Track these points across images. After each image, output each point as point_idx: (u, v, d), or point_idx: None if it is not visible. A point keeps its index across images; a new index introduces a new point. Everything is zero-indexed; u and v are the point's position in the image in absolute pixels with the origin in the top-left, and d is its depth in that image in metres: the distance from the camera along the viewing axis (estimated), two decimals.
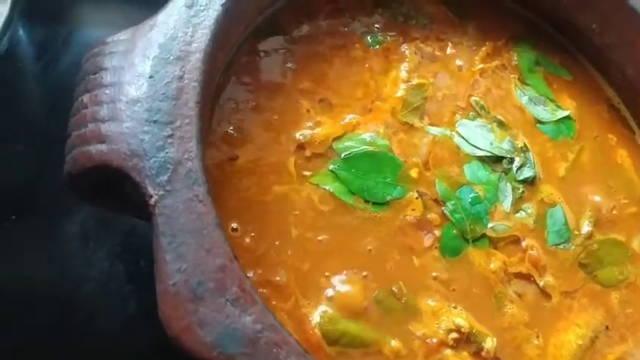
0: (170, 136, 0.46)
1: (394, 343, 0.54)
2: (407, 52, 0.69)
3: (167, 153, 0.46)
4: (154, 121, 0.47)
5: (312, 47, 0.66)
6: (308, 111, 0.62)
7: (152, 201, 0.44)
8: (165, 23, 0.51)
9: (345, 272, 0.56)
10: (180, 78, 0.49)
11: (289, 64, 0.64)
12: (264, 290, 0.53)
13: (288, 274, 0.54)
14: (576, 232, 0.65)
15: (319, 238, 0.57)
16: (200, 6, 0.53)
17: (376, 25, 0.70)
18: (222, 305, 0.42)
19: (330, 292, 0.55)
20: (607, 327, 0.62)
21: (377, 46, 0.69)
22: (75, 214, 0.70)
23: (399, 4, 0.72)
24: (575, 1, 0.71)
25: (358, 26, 0.69)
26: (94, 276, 0.68)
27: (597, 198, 0.68)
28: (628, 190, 0.70)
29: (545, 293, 0.61)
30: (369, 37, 0.69)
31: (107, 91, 0.48)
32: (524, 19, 0.75)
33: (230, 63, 0.61)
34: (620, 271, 0.65)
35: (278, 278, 0.54)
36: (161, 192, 0.44)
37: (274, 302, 0.53)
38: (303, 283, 0.54)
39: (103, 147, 0.46)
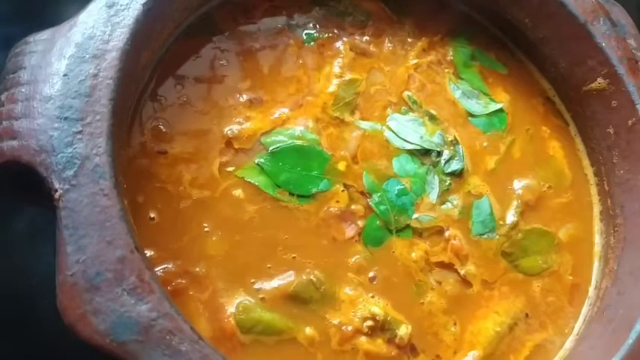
0: (80, 132, 0.49)
1: (308, 330, 0.56)
2: (341, 47, 0.71)
3: (75, 148, 0.48)
4: (65, 118, 0.49)
5: (247, 44, 0.68)
6: (237, 107, 0.64)
7: (57, 195, 0.46)
8: (85, 23, 0.53)
9: (266, 264, 0.58)
10: (95, 76, 0.51)
11: (222, 62, 0.66)
12: (183, 281, 0.55)
13: (207, 266, 0.56)
14: (501, 223, 0.67)
15: (242, 230, 0.59)
16: (120, 5, 0.55)
17: (311, 23, 0.72)
18: (118, 295, 0.44)
19: (249, 282, 0.57)
20: (527, 315, 0.64)
21: (312, 43, 0.70)
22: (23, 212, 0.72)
23: (336, 1, 0.74)
24: None
25: (294, 23, 0.71)
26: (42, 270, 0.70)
27: (526, 189, 0.69)
28: (558, 181, 0.71)
29: (466, 282, 0.63)
30: (304, 34, 0.70)
31: (23, 90, 0.50)
32: (462, 15, 0.76)
33: (161, 60, 0.63)
34: (544, 260, 0.66)
35: (197, 269, 0.56)
36: (66, 186, 0.46)
37: (191, 292, 0.55)
38: (222, 275, 0.56)
39: (14, 143, 0.48)
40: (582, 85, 0.69)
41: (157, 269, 0.54)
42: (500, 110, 0.73)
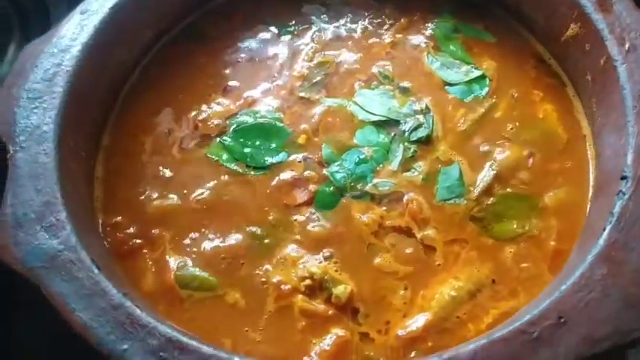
0: (36, 107, 0.59)
1: (239, 289, 0.58)
2: (315, 35, 0.74)
3: (30, 120, 0.58)
4: (28, 98, 0.60)
5: (225, 42, 0.74)
6: (210, 95, 0.70)
7: (9, 156, 0.56)
8: (62, 26, 0.65)
9: (213, 226, 0.61)
10: (58, 65, 0.61)
11: (202, 60, 0.73)
12: (140, 241, 0.61)
13: (161, 229, 0.62)
14: (471, 189, 0.62)
15: (198, 198, 0.63)
16: (91, 11, 0.65)
17: (292, 20, 0.76)
18: (36, 231, 0.51)
19: (194, 242, 0.61)
20: (493, 281, 0.58)
21: (287, 35, 0.75)
22: None
23: None
24: None
25: (272, 21, 0.76)
26: None
27: (505, 154, 0.64)
28: (548, 144, 0.65)
29: (427, 247, 0.60)
30: (280, 28, 0.75)
31: (9, 82, 0.62)
32: None
33: (149, 62, 0.73)
34: (520, 225, 0.60)
35: (154, 231, 0.62)
36: (17, 148, 0.56)
37: (145, 251, 0.60)
38: (172, 236, 0.61)
39: None
40: (560, 36, 0.64)
41: (119, 233, 0.61)
42: (482, 77, 0.69)
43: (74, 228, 0.51)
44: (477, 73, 0.70)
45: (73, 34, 0.64)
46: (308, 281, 0.58)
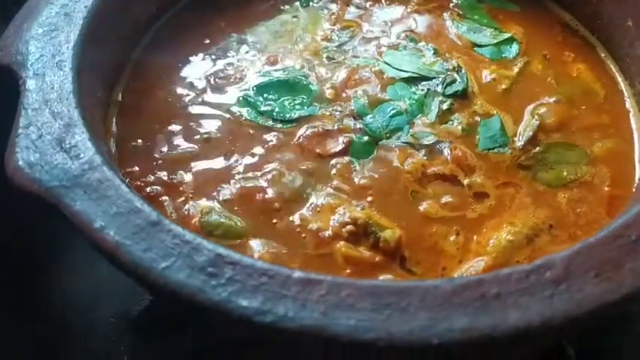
0: (52, 38, 0.54)
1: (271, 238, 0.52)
2: (337, 4, 0.72)
3: (44, 50, 0.53)
4: (43, 31, 0.54)
5: (243, 10, 0.71)
6: (231, 53, 0.67)
7: (21, 82, 0.50)
8: None
9: (241, 173, 0.56)
10: (77, 2, 0.57)
11: (221, 23, 0.70)
12: (160, 188, 0.55)
13: (183, 176, 0.56)
14: (514, 139, 0.59)
15: (220, 148, 0.58)
16: None
17: None
18: (55, 152, 0.45)
19: (223, 192, 0.55)
20: (550, 226, 0.53)
21: (308, 4, 0.72)
22: None
23: None
24: None
25: None
26: None
27: (547, 108, 0.62)
28: (587, 99, 0.63)
29: (478, 194, 0.55)
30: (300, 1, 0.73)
31: (17, 21, 0.57)
32: None
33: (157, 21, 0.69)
34: (570, 172, 0.57)
35: (174, 178, 0.56)
36: (30, 74, 0.50)
37: (165, 197, 0.54)
38: (197, 183, 0.55)
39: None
40: None
41: (136, 182, 0.55)
42: (511, 38, 0.68)
43: (98, 150, 0.45)
44: (505, 36, 0.68)
45: None
46: (350, 227, 0.52)
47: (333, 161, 0.57)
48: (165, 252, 0.39)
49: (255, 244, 0.51)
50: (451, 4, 0.72)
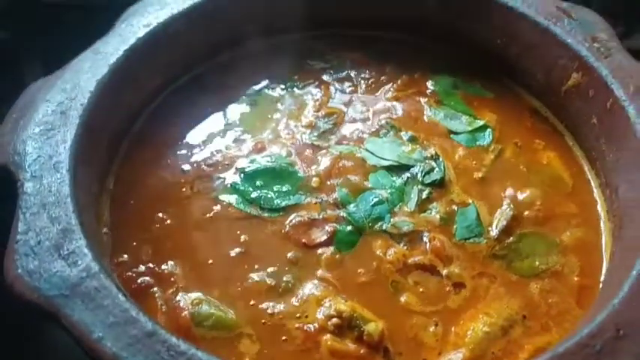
0: (49, 138, 0.56)
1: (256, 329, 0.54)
2: (320, 88, 0.76)
3: (41, 150, 0.55)
4: (40, 130, 0.57)
5: (230, 93, 0.75)
6: (218, 141, 0.69)
7: (19, 184, 0.52)
8: (74, 65, 0.63)
9: (229, 268, 0.58)
10: (73, 99, 0.60)
11: (208, 108, 0.73)
12: (151, 279, 0.57)
13: (174, 267, 0.58)
14: (489, 228, 0.63)
15: (208, 239, 0.60)
16: (105, 53, 0.65)
17: (295, 75, 0.78)
18: (53, 259, 0.47)
19: (210, 283, 0.57)
20: (524, 316, 0.56)
21: (292, 89, 0.76)
22: None
23: (318, 56, 0.80)
24: (476, 25, 0.75)
25: (275, 79, 0.77)
26: None
27: (519, 197, 0.65)
28: (556, 188, 0.67)
29: (455, 284, 0.58)
30: (285, 84, 0.76)
31: (14, 115, 0.59)
32: (441, 55, 0.79)
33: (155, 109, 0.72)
34: (542, 262, 0.60)
35: (164, 269, 0.58)
36: (28, 176, 0.52)
37: (155, 288, 0.56)
38: (187, 276, 0.57)
39: None
40: (561, 86, 0.68)
41: (128, 272, 0.57)
42: (484, 126, 0.72)
43: (95, 257, 0.47)
44: (479, 123, 0.72)
45: (88, 72, 0.62)
46: (336, 320, 0.55)
47: (319, 251, 0.60)
48: None
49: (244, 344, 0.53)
50: (428, 91, 0.76)
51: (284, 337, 0.54)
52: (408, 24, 0.80)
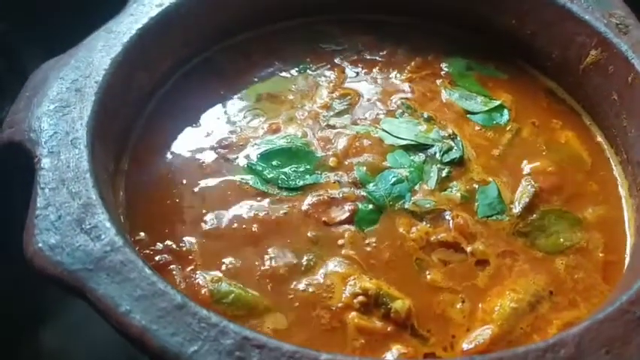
0: (64, 115, 0.54)
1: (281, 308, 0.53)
2: (334, 70, 0.75)
3: (58, 127, 0.53)
4: (55, 107, 0.55)
5: (243, 77, 0.73)
6: (233, 122, 0.68)
7: (36, 160, 0.50)
8: (87, 43, 0.62)
9: (253, 249, 0.57)
10: (87, 77, 0.58)
11: (222, 91, 0.72)
12: (169, 257, 0.55)
13: (192, 245, 0.56)
14: (511, 206, 0.62)
15: (228, 219, 0.59)
16: (118, 32, 0.63)
17: (307, 58, 0.77)
18: (75, 233, 0.46)
19: (231, 264, 0.56)
20: (551, 292, 0.56)
21: (305, 71, 0.75)
22: None
23: (330, 38, 0.79)
24: (489, 6, 0.74)
25: (289, 60, 0.76)
26: None
27: (540, 173, 0.65)
28: (576, 165, 0.66)
29: (479, 261, 0.58)
30: (298, 67, 0.76)
31: (27, 93, 0.58)
32: (454, 37, 0.79)
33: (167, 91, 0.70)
34: (566, 238, 0.60)
35: (183, 247, 0.56)
36: (45, 152, 0.51)
37: (172, 266, 0.55)
38: (205, 256, 0.56)
39: (11, 129, 0.54)
40: (579, 64, 0.68)
41: (145, 250, 0.56)
42: (501, 106, 0.71)
43: (119, 230, 0.46)
44: (495, 103, 0.72)
45: (102, 50, 0.61)
46: (362, 297, 0.54)
47: (340, 229, 0.59)
48: (192, 336, 0.40)
49: (268, 318, 0.52)
50: (442, 72, 0.76)
51: (311, 314, 0.53)
52: (420, 8, 0.80)
